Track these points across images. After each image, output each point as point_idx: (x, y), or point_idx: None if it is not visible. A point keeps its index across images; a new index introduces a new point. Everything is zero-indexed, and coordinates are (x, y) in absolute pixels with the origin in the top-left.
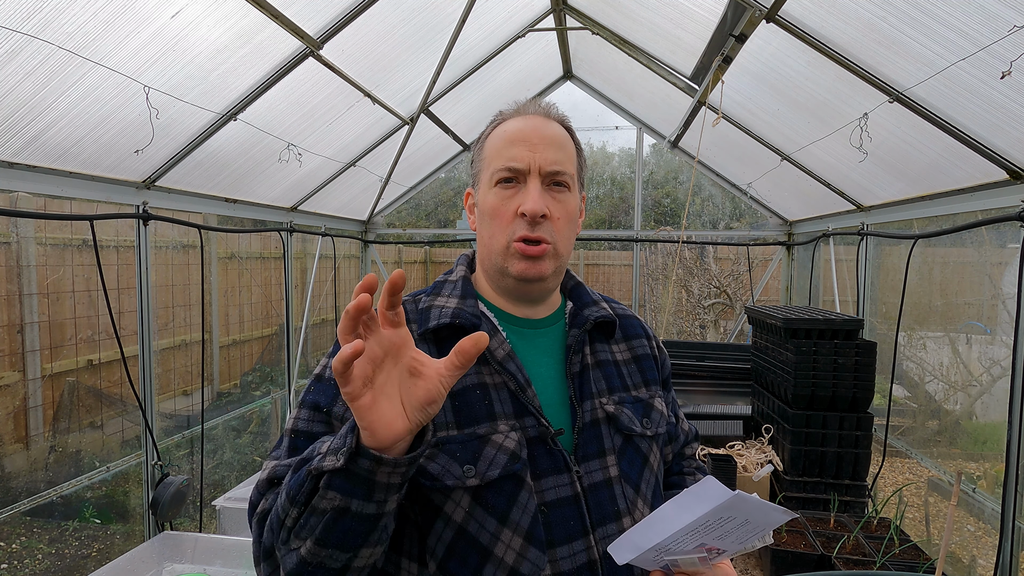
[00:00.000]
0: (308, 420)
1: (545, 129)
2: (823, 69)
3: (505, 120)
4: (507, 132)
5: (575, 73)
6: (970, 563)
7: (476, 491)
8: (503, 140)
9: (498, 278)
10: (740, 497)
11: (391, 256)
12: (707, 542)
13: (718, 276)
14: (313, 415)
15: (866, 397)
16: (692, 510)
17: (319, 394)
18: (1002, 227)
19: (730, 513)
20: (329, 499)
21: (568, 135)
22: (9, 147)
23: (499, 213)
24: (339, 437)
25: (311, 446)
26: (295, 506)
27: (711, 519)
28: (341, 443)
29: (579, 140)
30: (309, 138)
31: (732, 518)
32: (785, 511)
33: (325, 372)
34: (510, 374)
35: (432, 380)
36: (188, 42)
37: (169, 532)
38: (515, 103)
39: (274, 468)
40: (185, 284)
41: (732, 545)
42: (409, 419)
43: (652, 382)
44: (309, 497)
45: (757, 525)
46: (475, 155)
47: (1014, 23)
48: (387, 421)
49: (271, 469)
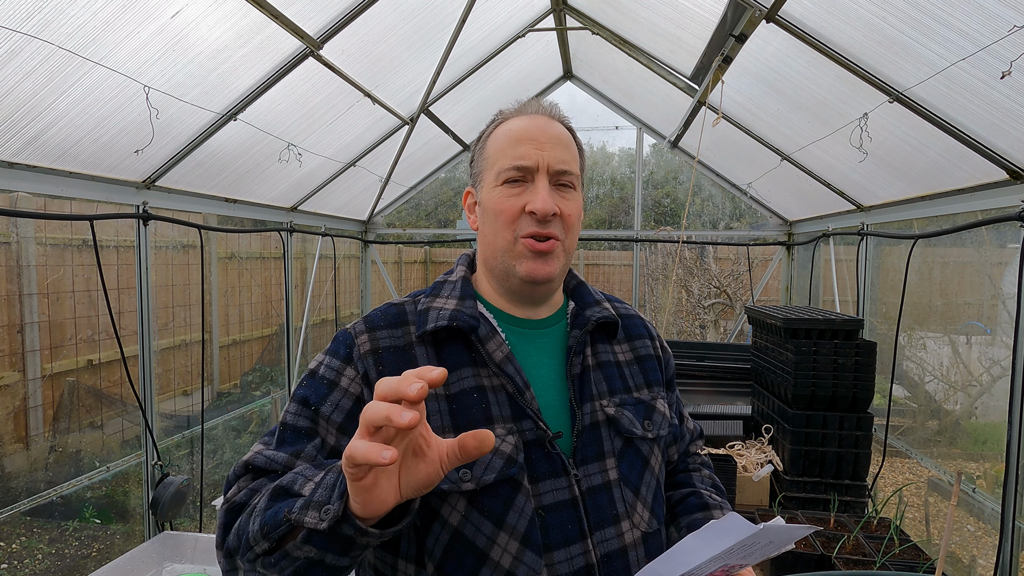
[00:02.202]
0: (295, 414)
1: (551, 128)
2: (823, 69)
3: (508, 119)
4: (512, 131)
5: (575, 73)
6: (970, 563)
7: (472, 495)
8: (508, 139)
9: (503, 278)
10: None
11: (391, 256)
12: (730, 562)
13: (718, 276)
14: (301, 409)
15: (866, 397)
16: (715, 544)
17: (310, 390)
18: (1002, 227)
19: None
20: (305, 551)
21: (571, 136)
22: (9, 147)
23: (505, 210)
24: (323, 488)
25: (292, 477)
26: (267, 540)
27: (735, 548)
28: (326, 498)
29: (581, 141)
30: (309, 138)
31: (757, 543)
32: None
33: (319, 368)
34: (508, 377)
35: (434, 464)
36: (188, 42)
37: (169, 532)
38: (516, 102)
39: (255, 455)
40: (185, 284)
41: (754, 559)
42: (402, 496)
43: (655, 383)
44: (283, 539)
45: (780, 542)
46: (476, 154)
47: (1014, 23)
48: (382, 499)
49: (252, 454)
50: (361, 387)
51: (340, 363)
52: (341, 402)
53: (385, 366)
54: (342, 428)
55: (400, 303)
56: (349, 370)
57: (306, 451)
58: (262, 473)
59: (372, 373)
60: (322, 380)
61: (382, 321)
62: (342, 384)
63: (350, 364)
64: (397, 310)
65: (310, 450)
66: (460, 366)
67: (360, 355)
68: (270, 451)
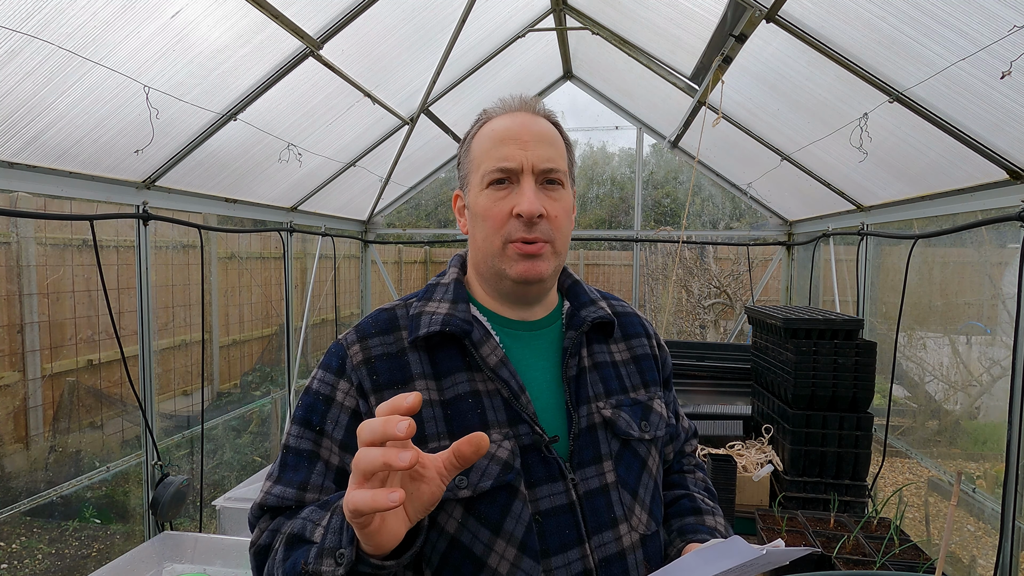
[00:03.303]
0: (297, 436)
1: (534, 126)
2: (823, 69)
3: (491, 119)
4: (495, 131)
5: (575, 73)
6: (970, 563)
7: (468, 502)
8: (491, 140)
9: (494, 281)
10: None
11: (391, 256)
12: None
13: (718, 276)
14: (302, 431)
15: (866, 397)
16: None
17: (308, 409)
18: (1002, 227)
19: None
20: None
21: (556, 130)
22: (9, 147)
23: (492, 214)
24: (332, 533)
25: (302, 524)
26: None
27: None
28: (336, 543)
29: (567, 134)
30: (309, 138)
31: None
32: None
33: (313, 384)
34: (503, 381)
35: (435, 482)
36: (188, 42)
37: (169, 532)
38: (499, 100)
39: (265, 496)
40: (185, 284)
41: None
42: (411, 520)
43: (652, 383)
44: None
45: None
46: (462, 157)
47: (1014, 23)
48: (392, 533)
49: (263, 496)
50: (356, 400)
51: (334, 377)
52: (340, 418)
53: (379, 375)
54: (344, 445)
55: (391, 308)
56: (343, 383)
57: (312, 481)
58: (277, 512)
59: (366, 383)
60: (318, 396)
61: (373, 328)
62: (337, 399)
63: (343, 377)
64: (388, 316)
65: (315, 478)
66: (454, 371)
67: (353, 366)
68: (278, 488)
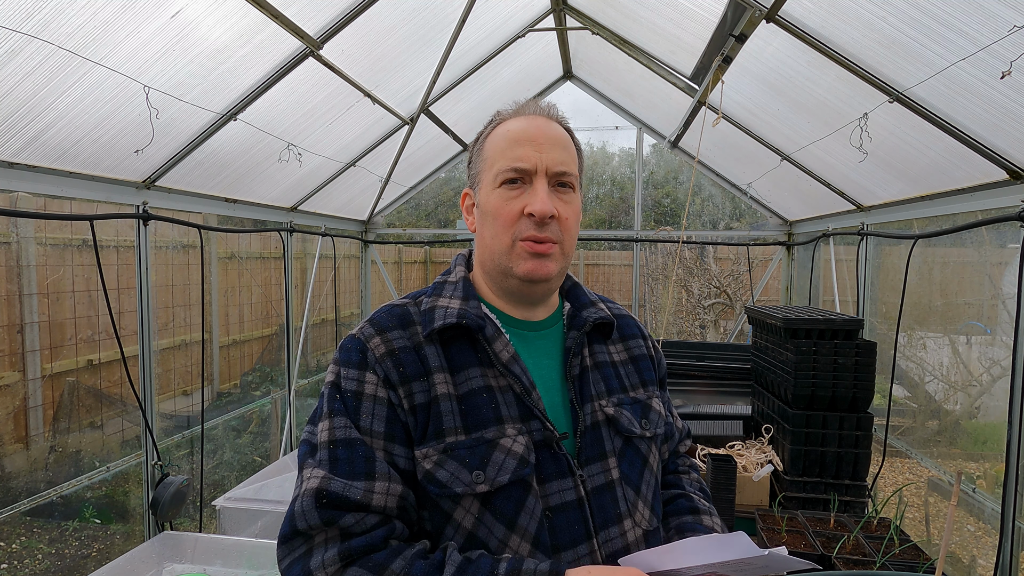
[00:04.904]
0: (343, 428)
1: (549, 130)
2: (823, 69)
3: (506, 120)
4: (511, 132)
5: (575, 73)
6: (970, 563)
7: (486, 497)
8: (507, 140)
9: (500, 279)
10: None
11: (391, 256)
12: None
13: (718, 276)
14: (345, 422)
15: (866, 397)
16: (716, 554)
17: (341, 403)
18: (1002, 227)
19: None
20: None
21: (569, 136)
22: (9, 147)
23: (503, 213)
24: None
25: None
26: None
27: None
28: None
29: (579, 141)
30: (309, 138)
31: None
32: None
33: (339, 381)
34: (515, 376)
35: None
36: (188, 42)
37: (169, 532)
38: (514, 103)
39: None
40: (185, 284)
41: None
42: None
43: (649, 382)
44: None
45: (776, 569)
46: (474, 156)
47: (1014, 23)
48: None
49: (319, 481)
50: (387, 391)
51: (357, 371)
52: (375, 410)
53: (405, 367)
54: (389, 436)
55: (402, 304)
56: (369, 375)
57: (378, 470)
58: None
59: (393, 375)
60: (347, 392)
61: (390, 322)
62: (367, 391)
63: (367, 369)
64: (401, 311)
65: (380, 466)
66: (468, 366)
67: (376, 359)
68: (339, 481)
